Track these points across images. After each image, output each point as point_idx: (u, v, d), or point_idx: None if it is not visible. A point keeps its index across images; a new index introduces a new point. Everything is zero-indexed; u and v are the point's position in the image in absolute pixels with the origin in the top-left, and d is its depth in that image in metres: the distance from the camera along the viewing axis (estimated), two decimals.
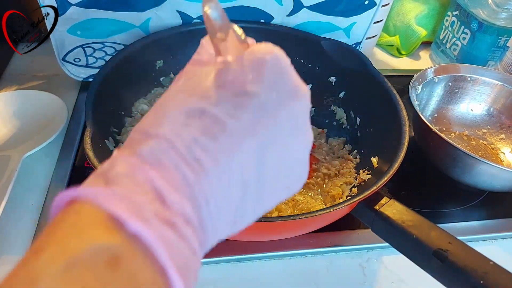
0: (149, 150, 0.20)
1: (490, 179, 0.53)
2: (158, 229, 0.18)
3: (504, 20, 0.72)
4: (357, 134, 0.60)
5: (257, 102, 0.21)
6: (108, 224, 0.17)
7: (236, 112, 0.21)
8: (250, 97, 0.21)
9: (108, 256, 0.16)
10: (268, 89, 0.21)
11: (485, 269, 0.35)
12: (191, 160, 0.20)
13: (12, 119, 0.59)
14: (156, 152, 0.20)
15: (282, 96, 0.22)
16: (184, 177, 0.19)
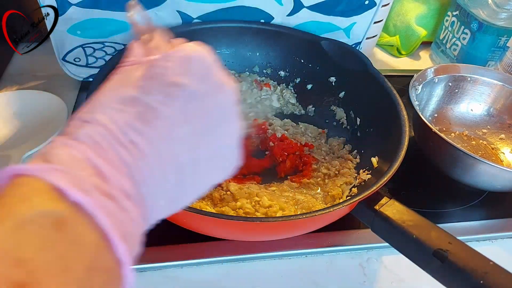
0: (85, 133, 0.21)
1: (490, 179, 0.53)
2: (98, 199, 0.19)
3: (504, 20, 0.72)
4: (357, 134, 0.60)
5: (186, 93, 0.23)
6: (51, 194, 0.19)
7: (167, 101, 0.23)
8: (180, 87, 0.23)
9: (53, 219, 0.18)
10: (195, 81, 0.24)
11: (485, 269, 0.35)
12: (126, 143, 0.21)
13: (12, 119, 0.59)
14: (92, 135, 0.21)
15: (209, 88, 0.24)
16: (120, 158, 0.21)
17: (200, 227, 0.43)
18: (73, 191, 0.19)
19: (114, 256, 0.19)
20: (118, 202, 0.20)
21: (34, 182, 0.19)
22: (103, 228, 0.19)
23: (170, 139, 0.23)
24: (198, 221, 0.41)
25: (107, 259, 0.19)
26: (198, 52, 0.25)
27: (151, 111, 0.22)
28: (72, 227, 0.18)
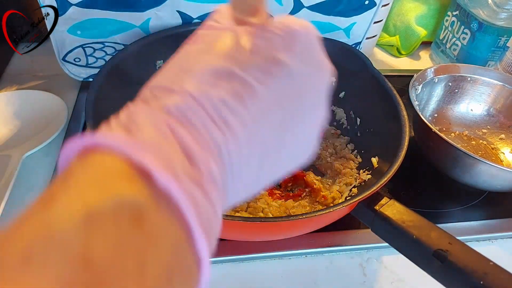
0: (174, 105, 0.18)
1: (490, 179, 0.53)
2: (187, 186, 0.17)
3: (504, 20, 0.72)
4: (357, 134, 0.60)
5: (286, 72, 0.21)
6: (133, 176, 0.16)
7: (265, 78, 0.20)
8: (280, 65, 0.20)
9: (132, 211, 0.15)
10: (297, 60, 0.21)
11: (485, 270, 0.35)
12: (219, 121, 0.19)
13: (12, 119, 0.59)
14: (182, 107, 0.18)
15: (309, 68, 0.22)
16: (212, 137, 0.18)
17: None
18: (162, 174, 0.16)
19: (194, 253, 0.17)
20: (205, 191, 0.18)
21: (112, 160, 0.16)
22: (188, 221, 0.16)
23: (262, 122, 0.20)
24: None
25: (187, 257, 0.17)
26: (303, 28, 0.22)
27: (247, 88, 0.20)
28: (153, 222, 0.15)
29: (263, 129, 0.20)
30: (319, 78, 0.23)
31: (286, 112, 0.21)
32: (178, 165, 0.17)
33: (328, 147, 0.61)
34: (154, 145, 0.17)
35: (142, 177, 0.16)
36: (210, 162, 0.18)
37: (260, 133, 0.20)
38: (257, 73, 0.20)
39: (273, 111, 0.21)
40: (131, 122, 0.18)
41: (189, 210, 0.16)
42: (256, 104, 0.20)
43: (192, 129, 0.18)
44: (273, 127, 0.21)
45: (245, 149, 0.20)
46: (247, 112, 0.19)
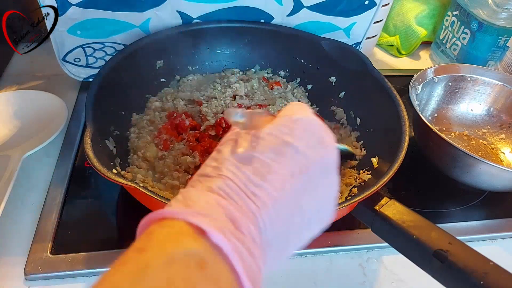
0: (215, 185, 0.24)
1: (490, 179, 0.53)
2: (234, 243, 0.21)
3: (504, 20, 0.72)
4: (357, 134, 0.60)
5: (293, 149, 0.26)
6: (195, 235, 0.21)
7: (277, 158, 0.26)
8: (287, 146, 0.26)
9: (197, 259, 0.20)
10: (300, 140, 0.26)
11: (485, 270, 0.35)
12: (250, 194, 0.24)
13: (12, 119, 0.59)
14: (221, 187, 0.24)
15: (312, 146, 0.27)
16: (247, 206, 0.24)
17: None
18: (214, 233, 0.21)
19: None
20: (248, 248, 0.22)
21: (179, 224, 0.22)
22: (237, 270, 0.21)
23: (282, 191, 0.25)
24: None
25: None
26: (303, 115, 0.28)
27: (265, 167, 0.25)
28: (212, 267, 0.20)
29: (284, 196, 0.25)
30: (323, 150, 0.28)
31: (300, 181, 0.26)
32: (226, 227, 0.22)
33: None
34: (207, 213, 0.22)
35: (201, 236, 0.21)
36: (249, 226, 0.23)
37: (282, 200, 0.25)
38: (271, 154, 0.26)
39: (289, 181, 0.25)
40: (187, 199, 0.24)
41: (237, 260, 0.21)
42: (274, 178, 0.25)
43: (232, 202, 0.23)
44: (292, 196, 0.26)
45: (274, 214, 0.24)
46: (268, 184, 0.25)
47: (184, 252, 0.20)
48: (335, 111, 0.64)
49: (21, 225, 0.48)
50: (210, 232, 0.21)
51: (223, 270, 0.21)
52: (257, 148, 0.26)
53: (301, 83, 0.68)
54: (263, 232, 0.24)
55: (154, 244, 0.21)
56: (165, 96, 0.62)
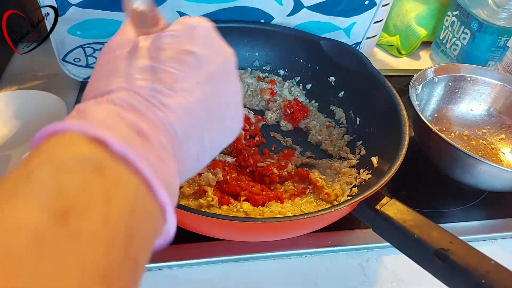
0: (118, 98, 0.22)
1: (490, 179, 0.53)
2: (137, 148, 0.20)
3: (504, 20, 0.72)
4: (357, 134, 0.60)
5: (195, 58, 0.25)
6: (91, 143, 0.19)
7: (181, 67, 0.25)
8: (189, 54, 0.25)
9: (95, 164, 0.18)
10: (201, 48, 0.26)
11: (486, 268, 0.35)
12: (157, 104, 0.23)
13: (12, 119, 0.59)
14: (124, 98, 0.22)
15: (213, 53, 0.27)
16: (156, 116, 0.23)
17: (200, 227, 0.43)
18: (115, 141, 0.19)
19: (156, 201, 0.21)
20: (158, 154, 0.21)
21: (73, 135, 0.19)
22: (146, 176, 0.20)
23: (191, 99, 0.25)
24: (198, 222, 0.41)
25: (149, 203, 0.20)
26: (200, 22, 0.27)
27: (170, 76, 0.24)
28: (113, 172, 0.19)
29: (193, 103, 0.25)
30: (223, 58, 0.28)
31: (206, 88, 0.26)
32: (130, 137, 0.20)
33: (323, 132, 0.62)
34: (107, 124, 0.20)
35: (99, 144, 0.19)
36: (158, 134, 0.22)
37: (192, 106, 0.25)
38: (174, 64, 0.25)
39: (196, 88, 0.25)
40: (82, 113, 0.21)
41: (144, 166, 0.20)
42: (180, 86, 0.24)
43: (137, 113, 0.22)
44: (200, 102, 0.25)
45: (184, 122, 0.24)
46: (177, 93, 0.24)
47: (77, 158, 0.18)
48: (335, 111, 0.64)
49: None
50: (110, 140, 0.19)
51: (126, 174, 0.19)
52: (159, 59, 0.25)
53: (301, 83, 0.68)
54: (175, 140, 0.23)
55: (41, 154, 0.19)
56: None
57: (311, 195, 0.53)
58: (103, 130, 0.19)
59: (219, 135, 0.28)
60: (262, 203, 0.49)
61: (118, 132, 0.20)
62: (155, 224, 0.21)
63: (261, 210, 0.48)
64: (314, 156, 0.60)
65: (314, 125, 0.63)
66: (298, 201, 0.51)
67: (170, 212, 0.21)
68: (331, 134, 0.62)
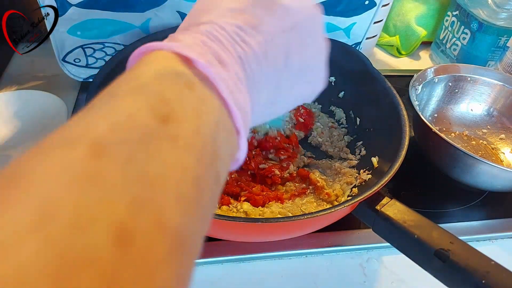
0: (204, 29, 0.23)
1: (490, 179, 0.53)
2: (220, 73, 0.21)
3: (504, 20, 0.72)
4: (357, 134, 0.60)
5: (283, 8, 0.26)
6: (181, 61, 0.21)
7: (269, 12, 0.26)
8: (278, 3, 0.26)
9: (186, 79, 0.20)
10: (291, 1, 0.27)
11: (487, 269, 0.35)
12: (240, 41, 0.24)
13: (12, 119, 0.59)
14: (211, 31, 0.23)
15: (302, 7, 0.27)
16: (235, 50, 0.23)
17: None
18: (201, 61, 0.21)
19: (233, 125, 0.22)
20: (234, 82, 0.22)
21: (164, 54, 0.21)
22: (224, 97, 0.21)
23: (272, 44, 0.25)
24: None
25: (229, 124, 0.22)
26: None
27: (257, 19, 0.25)
28: (200, 90, 0.20)
29: (273, 48, 0.25)
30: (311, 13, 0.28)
31: (289, 38, 0.26)
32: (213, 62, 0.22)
33: (324, 133, 0.62)
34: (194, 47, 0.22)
35: (187, 63, 0.21)
36: (235, 67, 0.23)
37: (271, 51, 0.25)
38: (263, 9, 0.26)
39: (278, 36, 0.26)
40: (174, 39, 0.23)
41: (224, 88, 0.21)
42: (264, 29, 0.25)
43: (219, 44, 0.23)
44: (281, 49, 0.26)
45: (262, 62, 0.25)
46: (260, 35, 0.25)
47: (173, 71, 0.20)
48: (335, 111, 0.64)
49: None
50: (196, 60, 0.21)
51: (210, 94, 0.21)
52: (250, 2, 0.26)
53: None
54: (250, 77, 0.24)
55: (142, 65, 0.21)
56: None
57: (312, 195, 0.53)
58: (191, 51, 0.21)
59: (298, 87, 0.29)
60: (262, 203, 0.49)
61: (203, 56, 0.21)
62: (233, 146, 0.23)
63: (261, 211, 0.48)
64: (314, 156, 0.60)
65: (317, 126, 0.63)
66: (298, 201, 0.51)
67: (243, 138, 0.23)
68: (332, 136, 0.62)
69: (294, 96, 0.29)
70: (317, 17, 0.29)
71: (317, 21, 0.29)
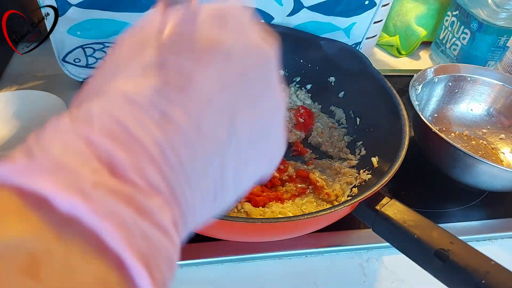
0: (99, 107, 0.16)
1: (490, 179, 0.53)
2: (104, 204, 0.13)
3: (504, 20, 0.72)
4: (357, 134, 0.60)
5: (223, 52, 0.18)
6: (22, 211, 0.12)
7: (201, 63, 0.18)
8: (215, 46, 0.18)
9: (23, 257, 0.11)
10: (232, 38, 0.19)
11: (486, 269, 0.35)
12: (157, 115, 0.16)
13: (12, 119, 0.59)
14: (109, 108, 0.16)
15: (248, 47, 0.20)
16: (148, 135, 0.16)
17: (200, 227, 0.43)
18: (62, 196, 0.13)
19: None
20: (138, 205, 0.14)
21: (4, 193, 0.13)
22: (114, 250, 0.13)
23: (209, 110, 0.17)
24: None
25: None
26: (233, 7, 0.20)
27: (184, 75, 0.17)
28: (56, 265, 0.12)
29: (212, 117, 0.18)
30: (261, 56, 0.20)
31: (233, 97, 0.18)
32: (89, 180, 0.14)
33: (324, 133, 0.62)
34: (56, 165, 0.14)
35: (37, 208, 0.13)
36: (145, 167, 0.15)
37: (209, 122, 0.17)
38: (192, 58, 0.18)
39: (217, 96, 0.18)
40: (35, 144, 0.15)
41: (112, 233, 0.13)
42: (196, 90, 0.17)
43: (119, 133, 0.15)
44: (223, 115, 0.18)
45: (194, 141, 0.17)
46: (187, 100, 0.17)
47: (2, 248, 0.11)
48: (335, 111, 0.64)
49: None
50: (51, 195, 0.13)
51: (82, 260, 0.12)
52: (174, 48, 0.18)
53: (300, 83, 0.68)
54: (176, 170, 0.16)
55: None
56: None
57: (311, 195, 0.53)
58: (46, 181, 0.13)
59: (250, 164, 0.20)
60: (263, 204, 0.49)
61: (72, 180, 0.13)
62: None
63: (262, 211, 0.48)
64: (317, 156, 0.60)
65: (317, 127, 0.63)
66: (298, 201, 0.51)
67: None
68: (332, 136, 0.62)
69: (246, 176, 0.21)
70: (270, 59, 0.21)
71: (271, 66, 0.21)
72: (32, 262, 0.11)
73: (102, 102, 0.16)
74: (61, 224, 0.13)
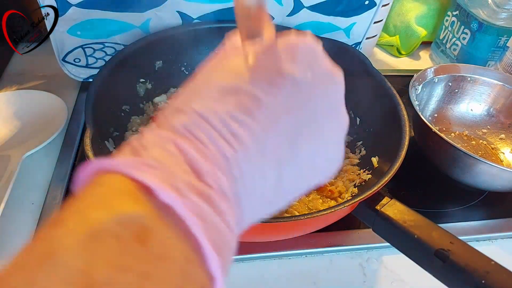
0: (181, 123, 0.19)
1: (490, 179, 0.53)
2: (192, 200, 0.17)
3: (504, 20, 0.72)
4: (357, 134, 0.60)
5: (291, 81, 0.21)
6: (136, 194, 0.16)
7: (271, 90, 0.20)
8: (285, 76, 0.21)
9: (136, 228, 0.15)
10: (302, 69, 0.21)
11: (486, 269, 0.35)
12: (227, 134, 0.19)
13: (12, 119, 0.59)
14: (188, 125, 0.19)
15: (316, 77, 0.22)
16: (219, 150, 0.19)
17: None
18: (164, 190, 0.16)
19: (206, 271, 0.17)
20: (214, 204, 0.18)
21: (116, 181, 0.17)
22: (196, 237, 0.16)
23: (273, 132, 0.20)
24: None
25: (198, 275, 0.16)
26: (304, 40, 0.23)
27: (254, 100, 0.20)
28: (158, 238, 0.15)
29: (275, 138, 0.20)
30: (328, 85, 0.23)
31: (298, 121, 0.21)
32: (182, 179, 0.17)
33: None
34: (158, 163, 0.17)
35: (145, 195, 0.16)
36: (219, 175, 0.18)
37: (271, 142, 0.20)
38: (263, 85, 0.20)
39: (283, 120, 0.21)
40: (139, 145, 0.19)
41: (195, 224, 0.16)
42: (264, 114, 0.20)
43: (198, 144, 0.19)
44: (286, 136, 0.21)
45: (257, 158, 0.20)
46: (255, 123, 0.20)
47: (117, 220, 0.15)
48: None
49: (21, 225, 0.48)
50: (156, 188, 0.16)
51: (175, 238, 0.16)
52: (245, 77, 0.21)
53: None
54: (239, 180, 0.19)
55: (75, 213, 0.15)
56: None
57: (315, 193, 0.53)
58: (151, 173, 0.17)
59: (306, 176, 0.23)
60: None
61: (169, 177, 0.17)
62: None
63: None
64: None
65: None
66: (304, 199, 0.51)
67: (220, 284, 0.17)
68: None
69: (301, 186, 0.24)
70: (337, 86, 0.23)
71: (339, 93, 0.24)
72: (142, 232, 0.15)
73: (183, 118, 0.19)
74: (161, 209, 0.16)
